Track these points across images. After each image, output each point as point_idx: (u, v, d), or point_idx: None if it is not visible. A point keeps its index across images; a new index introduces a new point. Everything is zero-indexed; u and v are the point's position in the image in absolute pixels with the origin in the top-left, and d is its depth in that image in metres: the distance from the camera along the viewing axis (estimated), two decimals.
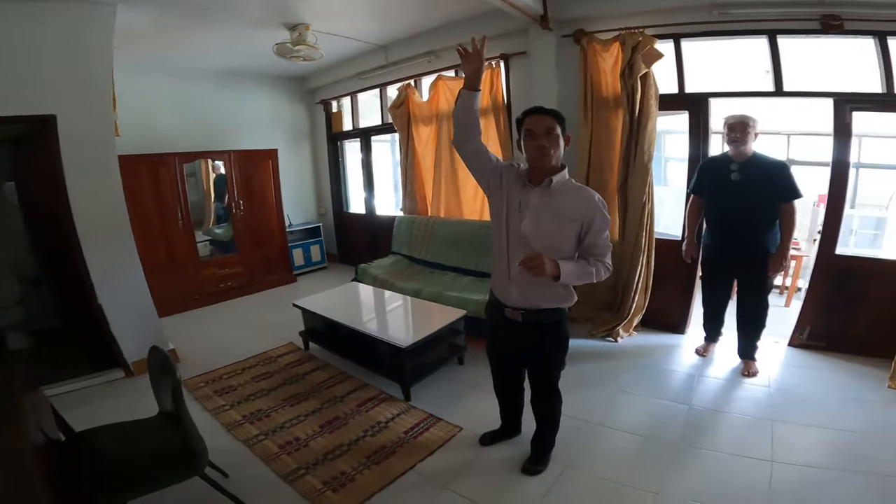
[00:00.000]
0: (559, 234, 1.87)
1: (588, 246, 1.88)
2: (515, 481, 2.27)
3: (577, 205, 1.86)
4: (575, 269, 1.84)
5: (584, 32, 3.61)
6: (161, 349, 1.85)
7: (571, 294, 2.02)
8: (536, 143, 1.83)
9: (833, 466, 2.25)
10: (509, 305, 2.02)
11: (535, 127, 1.84)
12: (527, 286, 1.94)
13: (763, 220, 2.95)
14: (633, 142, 3.52)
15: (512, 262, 1.91)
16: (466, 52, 1.83)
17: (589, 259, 1.89)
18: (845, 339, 3.35)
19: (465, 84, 1.87)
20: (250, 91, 5.90)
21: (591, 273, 1.86)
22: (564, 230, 1.86)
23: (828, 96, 3.09)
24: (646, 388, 3.09)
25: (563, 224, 1.86)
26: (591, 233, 1.85)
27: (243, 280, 5.41)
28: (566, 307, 2.03)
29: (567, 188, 1.90)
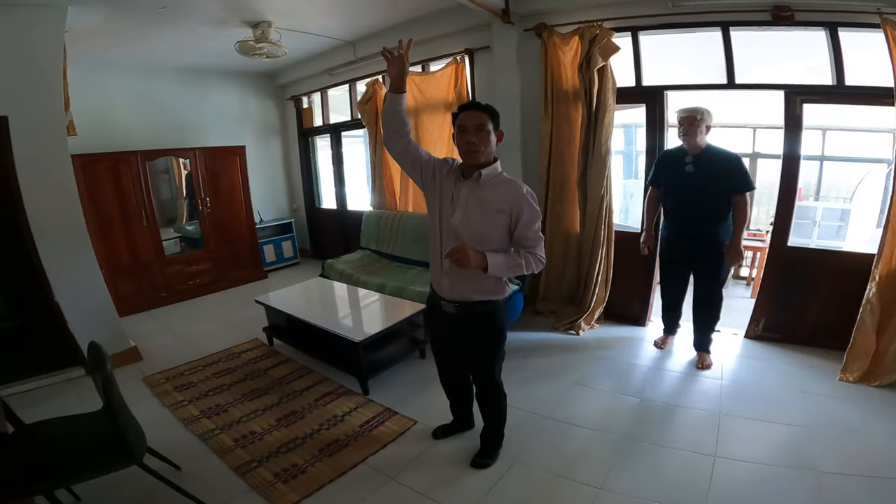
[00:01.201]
0: (487, 226, 1.88)
1: (518, 238, 1.89)
2: (463, 474, 2.29)
3: (505, 196, 1.87)
4: (504, 260, 1.85)
5: (544, 26, 3.63)
6: (98, 344, 1.85)
7: (503, 287, 2.04)
8: (466, 139, 1.84)
9: (773, 462, 2.28)
10: (444, 298, 2.03)
11: (466, 123, 1.85)
12: (458, 278, 1.95)
13: (717, 211, 2.98)
14: (591, 135, 3.55)
15: (444, 254, 1.90)
16: (391, 54, 1.83)
17: (520, 251, 1.89)
18: (799, 331, 3.41)
19: (390, 87, 1.88)
20: (218, 88, 5.84)
21: (521, 265, 1.86)
22: (493, 222, 1.88)
23: (778, 88, 3.13)
24: (601, 380, 3.13)
25: (491, 215, 1.87)
26: (520, 225, 1.87)
27: (212, 277, 5.37)
28: (499, 299, 2.05)
29: (496, 181, 1.91)
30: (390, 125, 1.92)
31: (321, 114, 6.19)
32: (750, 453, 2.35)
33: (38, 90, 3.04)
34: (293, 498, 2.13)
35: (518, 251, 1.90)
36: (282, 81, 6.26)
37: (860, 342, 2.96)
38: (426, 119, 4.56)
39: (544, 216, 3.89)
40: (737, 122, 5.60)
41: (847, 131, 5.36)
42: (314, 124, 6.26)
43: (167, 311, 4.85)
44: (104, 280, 3.55)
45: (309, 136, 6.44)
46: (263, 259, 5.98)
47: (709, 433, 2.52)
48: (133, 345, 3.66)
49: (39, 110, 3.06)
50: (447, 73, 4.25)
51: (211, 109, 5.80)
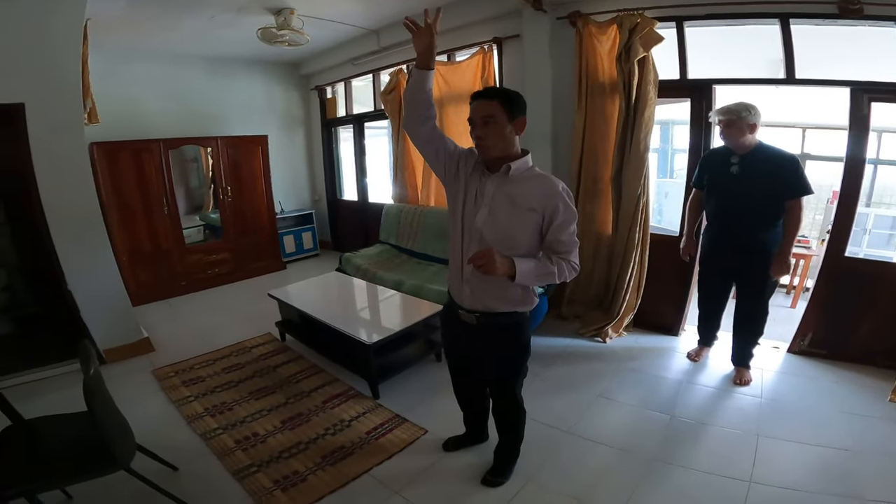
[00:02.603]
0: (515, 226, 1.66)
1: (551, 242, 1.66)
2: (473, 492, 2.12)
3: (536, 193, 1.65)
4: (534, 267, 1.61)
5: (579, 14, 3.40)
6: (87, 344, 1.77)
7: (531, 297, 1.82)
8: (474, 133, 1.65)
9: (814, 489, 2.07)
10: (463, 307, 1.82)
11: (473, 115, 1.65)
12: (480, 286, 1.75)
13: (765, 217, 2.71)
14: (629, 130, 3.31)
15: (465, 258, 1.68)
16: (416, 26, 1.62)
17: (552, 257, 1.65)
18: (849, 348, 3.13)
19: (417, 62, 1.65)
20: (242, 77, 5.79)
21: (554, 273, 1.63)
22: (522, 221, 1.66)
23: (844, 85, 2.83)
24: (628, 394, 2.91)
25: (521, 214, 1.65)
26: (554, 227, 1.64)
27: (230, 267, 5.32)
28: (525, 311, 1.83)
29: (527, 175, 1.69)
30: (414, 107, 1.70)
31: (345, 104, 6.09)
32: (789, 479, 2.14)
33: (55, 78, 2.98)
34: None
35: (550, 257, 1.65)
36: (306, 71, 6.18)
37: None
38: (451, 111, 4.38)
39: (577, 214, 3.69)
40: (785, 122, 5.24)
41: None
42: (337, 115, 6.16)
43: (184, 300, 4.83)
44: (122, 268, 3.53)
45: (332, 126, 6.36)
46: (283, 250, 5.93)
47: (744, 456, 2.31)
48: (145, 335, 3.62)
49: (56, 98, 3.01)
50: (474, 63, 4.06)
51: (235, 99, 5.76)
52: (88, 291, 3.28)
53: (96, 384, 1.66)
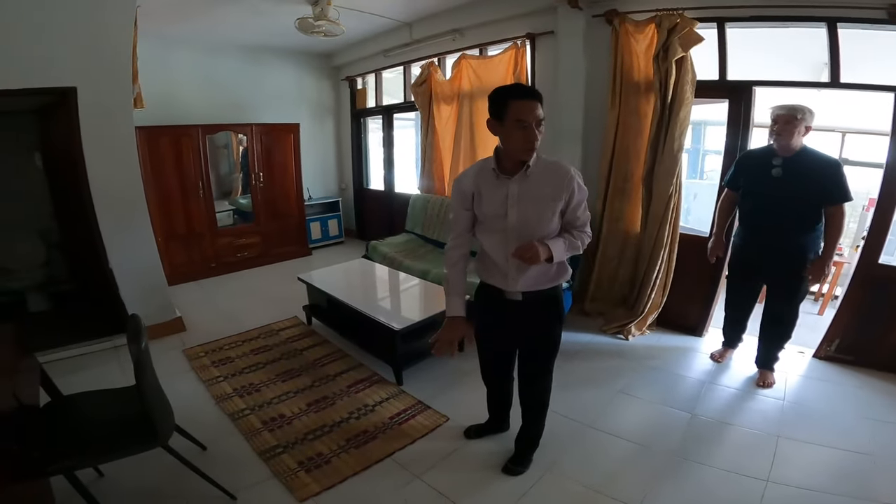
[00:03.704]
0: (543, 217, 1.78)
1: (570, 220, 1.83)
2: (492, 479, 2.17)
3: (554, 182, 1.76)
4: (564, 246, 1.79)
5: (616, 12, 3.37)
6: (137, 317, 1.81)
7: (566, 269, 1.94)
8: (527, 136, 1.66)
9: (831, 490, 2.06)
10: (508, 290, 1.91)
11: (526, 117, 1.64)
12: (525, 276, 1.86)
13: (804, 222, 2.66)
14: (663, 129, 3.28)
15: (508, 256, 1.81)
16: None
17: (573, 232, 1.84)
18: (876, 354, 3.07)
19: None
20: (276, 66, 5.90)
21: (578, 246, 1.84)
22: (547, 211, 1.78)
23: (889, 90, 2.76)
24: (650, 391, 2.92)
25: (545, 205, 1.77)
26: (572, 207, 1.80)
27: (259, 251, 5.46)
28: (562, 283, 1.96)
29: (540, 168, 1.77)
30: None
31: (374, 95, 6.14)
32: (807, 480, 2.14)
33: (107, 62, 3.08)
34: (314, 489, 2.08)
35: (571, 232, 1.84)
36: (338, 62, 6.26)
37: None
38: (481, 105, 4.38)
39: (602, 213, 3.67)
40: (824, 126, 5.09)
41: None
42: (367, 105, 6.22)
43: (214, 282, 4.97)
44: (159, 249, 3.63)
45: (361, 117, 6.43)
46: (309, 236, 6.05)
47: (764, 456, 2.31)
48: (178, 315, 3.75)
49: (108, 82, 3.11)
50: (506, 58, 4.06)
51: (269, 87, 5.87)
52: (128, 271, 3.41)
53: (147, 359, 1.72)
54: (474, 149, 4.55)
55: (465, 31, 4.40)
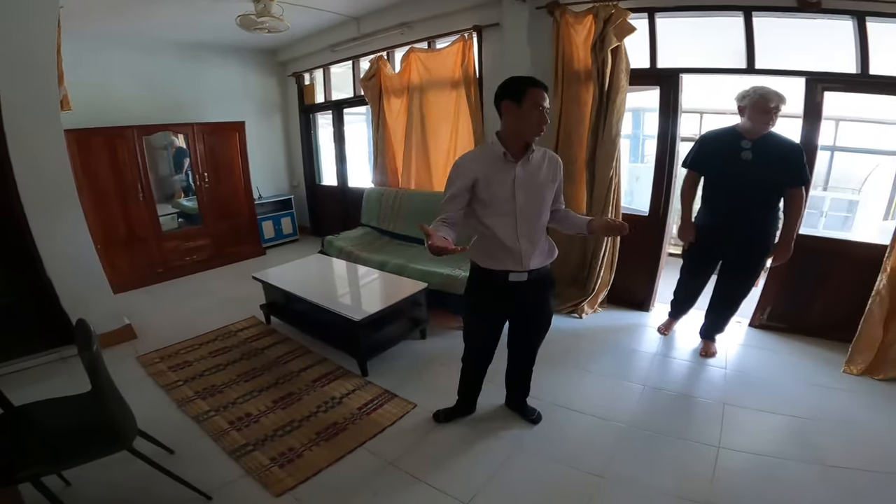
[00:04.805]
0: (545, 197, 2.00)
1: (557, 196, 2.08)
2: (464, 460, 2.26)
3: (549, 167, 1.99)
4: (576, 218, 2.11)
5: (557, 4, 3.49)
6: (85, 322, 1.76)
7: (554, 244, 2.13)
8: (542, 117, 1.82)
9: (778, 454, 2.24)
10: (514, 271, 1.99)
11: (543, 102, 1.82)
12: (536, 254, 2.00)
13: (769, 203, 2.75)
14: (602, 116, 3.44)
15: (521, 237, 1.94)
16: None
17: (560, 208, 2.13)
18: (805, 321, 3.37)
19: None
20: (218, 64, 5.71)
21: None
22: (547, 193, 2.00)
23: (800, 75, 3.02)
24: (605, 366, 3.09)
25: (546, 188, 1.99)
26: (558, 188, 2.07)
27: (209, 253, 5.30)
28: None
29: (538, 156, 1.96)
30: None
31: (323, 90, 6.07)
32: (754, 444, 2.32)
33: (30, 64, 2.91)
34: (289, 483, 2.10)
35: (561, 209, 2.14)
36: (283, 58, 6.13)
37: (867, 334, 2.92)
38: (431, 97, 4.46)
39: None
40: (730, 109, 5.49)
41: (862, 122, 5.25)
42: (316, 101, 6.13)
43: (163, 287, 4.79)
44: (98, 256, 3.47)
45: (310, 112, 6.33)
46: (262, 235, 5.93)
47: (713, 423, 2.49)
48: (127, 322, 3.60)
49: (32, 84, 2.95)
50: (454, 51, 4.13)
51: (211, 85, 5.68)
52: (67, 278, 3.24)
53: (101, 362, 1.68)
54: (426, 141, 4.60)
55: (414, 25, 4.43)
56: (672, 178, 3.60)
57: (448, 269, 3.62)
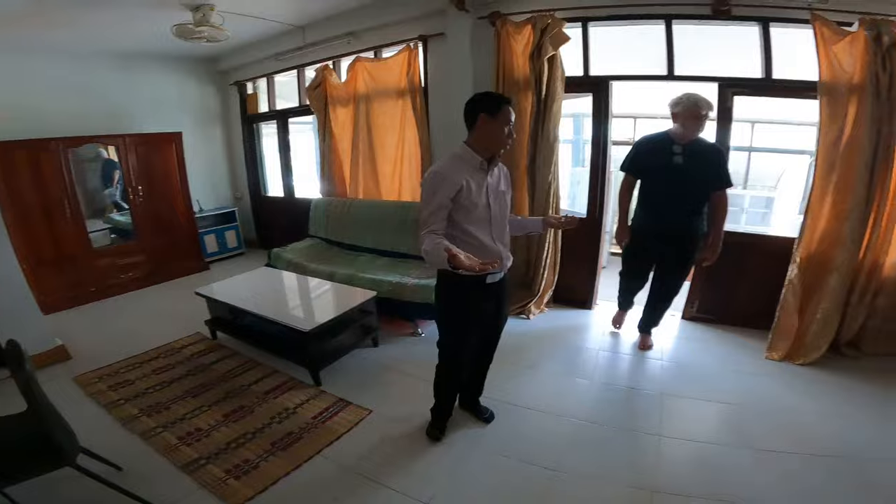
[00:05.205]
0: (509, 205, 2.18)
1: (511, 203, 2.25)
2: (421, 462, 2.29)
3: (505, 178, 2.18)
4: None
5: (499, 14, 3.62)
6: (15, 342, 1.68)
7: None
8: (511, 131, 1.98)
9: (713, 440, 2.41)
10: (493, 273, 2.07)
11: (511, 118, 1.97)
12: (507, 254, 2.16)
13: (698, 204, 2.92)
14: (540, 122, 3.60)
15: (496, 240, 2.08)
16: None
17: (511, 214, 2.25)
18: (730, 312, 3.63)
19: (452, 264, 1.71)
20: (153, 73, 5.46)
21: None
22: (509, 201, 2.19)
23: (713, 81, 3.29)
24: (553, 364, 3.20)
25: (507, 194, 2.17)
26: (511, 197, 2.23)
27: (147, 270, 5.05)
28: None
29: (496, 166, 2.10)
30: None
31: (267, 100, 5.94)
32: (692, 432, 2.48)
33: None
34: (247, 493, 2.06)
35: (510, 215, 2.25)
36: (224, 66, 5.94)
37: (784, 322, 3.18)
38: (377, 106, 4.49)
39: None
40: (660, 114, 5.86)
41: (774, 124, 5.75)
42: (259, 110, 5.99)
43: (98, 306, 4.53)
44: (25, 276, 3.26)
45: (254, 122, 6.16)
46: (204, 250, 5.71)
47: (654, 413, 2.64)
48: (60, 343, 3.39)
49: None
50: (400, 60, 4.19)
51: (145, 95, 5.43)
52: None
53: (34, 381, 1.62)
54: (373, 150, 4.62)
55: (360, 34, 4.44)
56: (606, 181, 3.81)
57: (397, 276, 3.65)
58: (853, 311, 3.12)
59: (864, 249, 2.99)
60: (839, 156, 2.89)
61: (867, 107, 2.75)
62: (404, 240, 4.18)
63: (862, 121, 2.78)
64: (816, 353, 3.10)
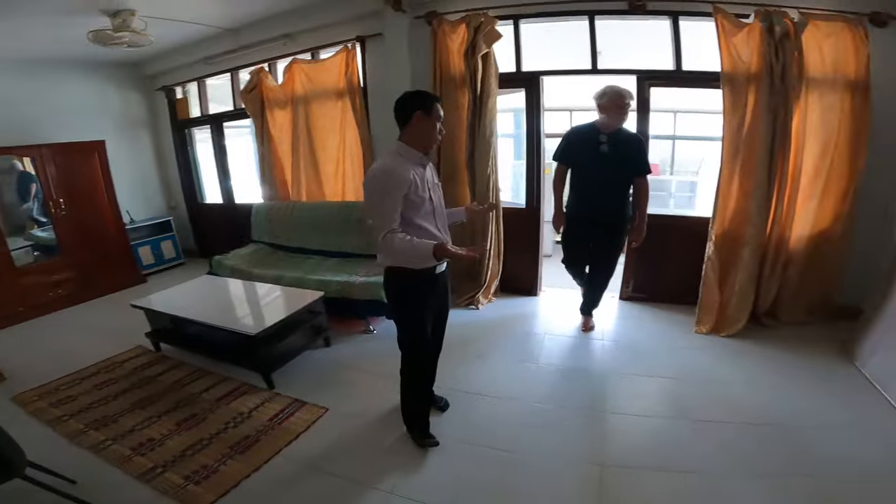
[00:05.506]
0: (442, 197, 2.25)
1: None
2: (381, 453, 2.34)
3: (433, 172, 2.23)
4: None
5: (435, 14, 3.71)
6: None
7: None
8: (442, 127, 2.09)
9: (659, 414, 2.57)
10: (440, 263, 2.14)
11: (441, 116, 2.07)
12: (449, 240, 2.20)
13: (623, 190, 3.12)
14: (476, 118, 3.73)
15: (441, 230, 2.16)
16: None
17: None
18: (661, 291, 3.91)
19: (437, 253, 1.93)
20: (70, 80, 5.14)
21: None
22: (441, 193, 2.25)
23: (631, 73, 3.55)
24: (502, 350, 3.32)
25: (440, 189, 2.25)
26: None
27: (77, 286, 4.77)
28: None
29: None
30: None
31: (199, 104, 5.72)
32: (634, 407, 2.64)
33: None
34: (209, 498, 2.05)
35: None
36: (150, 71, 5.66)
37: (707, 296, 3.45)
38: (316, 107, 4.47)
39: None
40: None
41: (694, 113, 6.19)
42: (191, 115, 5.77)
43: (28, 326, 4.26)
44: None
45: (185, 127, 5.92)
46: (139, 262, 5.45)
47: (600, 391, 2.81)
48: None
49: None
50: (338, 61, 4.19)
51: (61, 103, 5.08)
52: None
53: None
54: (314, 152, 4.59)
55: (296, 36, 4.40)
56: (541, 172, 4.00)
57: (345, 276, 3.67)
58: (766, 282, 3.42)
59: (771, 225, 3.31)
60: (742, 141, 3.19)
61: (764, 94, 3.05)
62: (350, 239, 4.20)
63: (760, 108, 3.09)
64: (739, 325, 3.37)
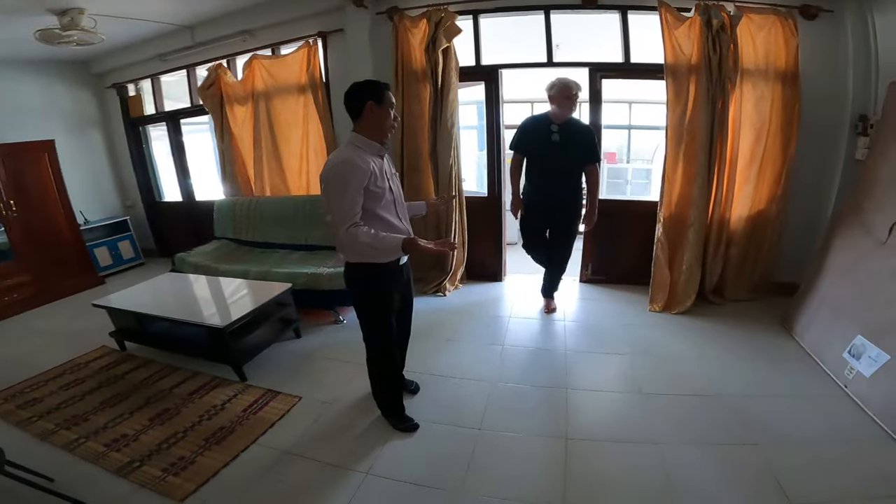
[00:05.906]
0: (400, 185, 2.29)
1: None
2: (356, 437, 2.41)
3: (391, 162, 2.24)
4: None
5: (396, 9, 3.77)
6: None
7: None
8: (395, 118, 2.10)
9: (615, 389, 2.74)
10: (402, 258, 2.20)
11: (394, 103, 2.06)
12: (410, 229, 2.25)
13: (575, 178, 3.27)
14: (438, 111, 3.83)
15: (402, 219, 2.20)
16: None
17: None
18: (617, 272, 4.13)
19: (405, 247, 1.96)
20: (17, 79, 4.95)
21: None
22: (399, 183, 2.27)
23: (584, 66, 3.72)
24: (469, 334, 3.45)
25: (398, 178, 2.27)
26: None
27: (33, 290, 4.61)
28: None
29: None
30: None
31: (153, 101, 5.57)
32: (593, 383, 2.79)
33: None
34: (189, 488, 2.08)
35: None
36: (99, 69, 5.48)
37: (658, 276, 3.67)
38: (278, 103, 4.47)
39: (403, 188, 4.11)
40: None
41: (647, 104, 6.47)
42: (145, 113, 5.61)
43: None
44: None
45: (139, 125, 5.76)
46: (96, 263, 5.30)
47: (560, 369, 2.95)
48: None
49: None
50: (299, 56, 4.20)
51: (8, 103, 4.89)
52: None
53: None
54: (277, 147, 4.59)
55: (256, 32, 4.37)
56: (501, 162, 4.14)
57: (312, 268, 3.71)
58: (711, 261, 3.67)
59: (712, 207, 3.55)
60: (685, 129, 3.42)
61: (703, 85, 3.27)
62: (316, 232, 4.23)
63: (700, 97, 3.31)
64: (688, 302, 3.61)
